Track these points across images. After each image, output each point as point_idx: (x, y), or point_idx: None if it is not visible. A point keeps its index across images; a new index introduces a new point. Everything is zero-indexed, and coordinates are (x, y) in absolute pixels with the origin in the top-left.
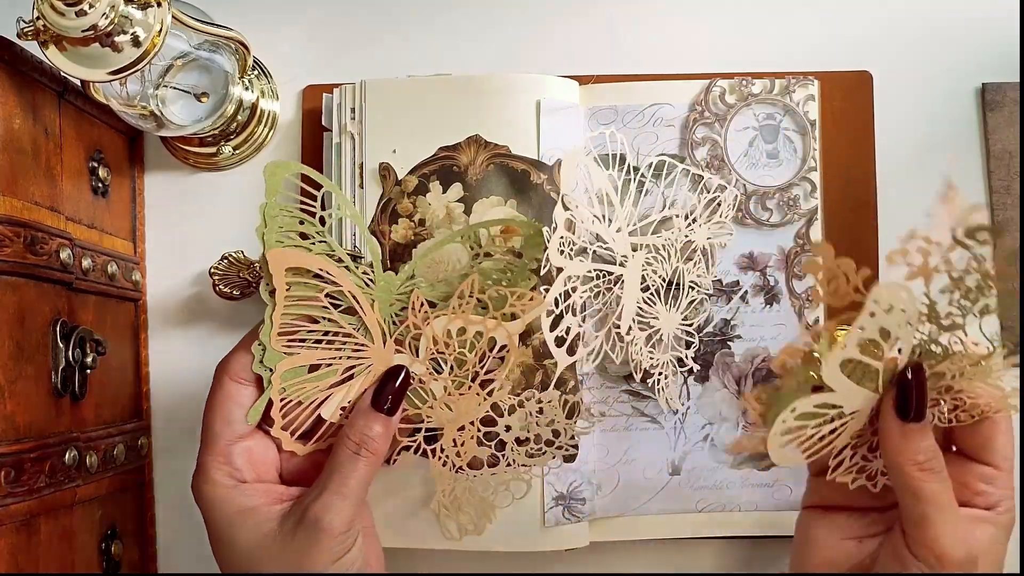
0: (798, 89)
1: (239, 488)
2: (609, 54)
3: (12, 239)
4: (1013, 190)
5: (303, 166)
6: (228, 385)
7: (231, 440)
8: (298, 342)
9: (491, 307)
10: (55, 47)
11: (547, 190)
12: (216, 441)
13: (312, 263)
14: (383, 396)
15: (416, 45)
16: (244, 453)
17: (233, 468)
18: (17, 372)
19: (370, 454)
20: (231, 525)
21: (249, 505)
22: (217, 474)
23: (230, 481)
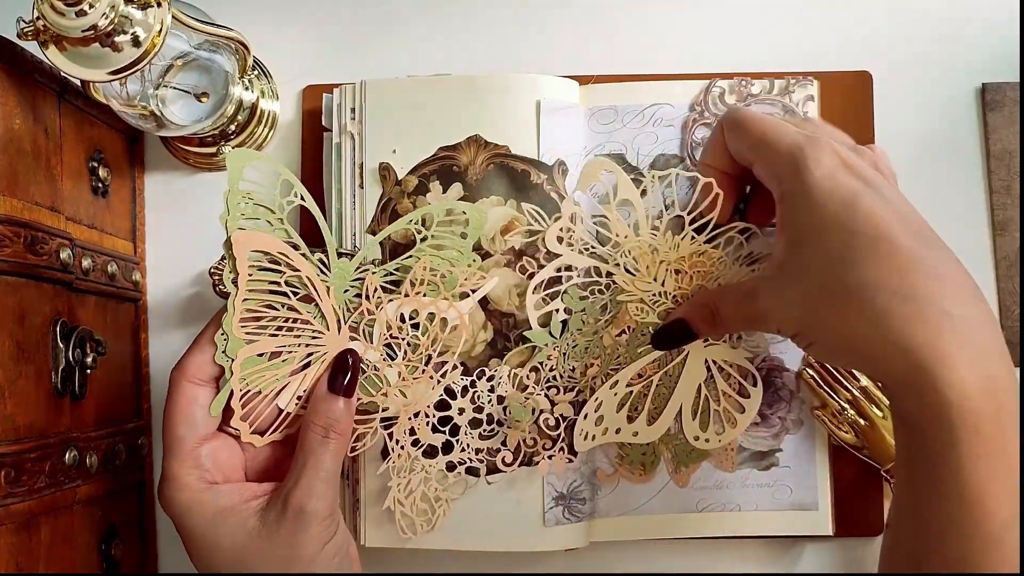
0: (798, 89)
1: (213, 490)
2: (609, 54)
3: (12, 239)
4: (1013, 190)
5: (261, 155)
6: (186, 388)
7: (197, 442)
8: (258, 330)
9: (442, 288)
10: (55, 47)
11: (547, 190)
12: (181, 446)
13: (272, 246)
14: (337, 381)
15: (416, 45)
16: (211, 454)
17: (203, 470)
18: (17, 372)
19: (338, 435)
20: (211, 526)
21: (226, 505)
22: (188, 478)
23: (202, 484)
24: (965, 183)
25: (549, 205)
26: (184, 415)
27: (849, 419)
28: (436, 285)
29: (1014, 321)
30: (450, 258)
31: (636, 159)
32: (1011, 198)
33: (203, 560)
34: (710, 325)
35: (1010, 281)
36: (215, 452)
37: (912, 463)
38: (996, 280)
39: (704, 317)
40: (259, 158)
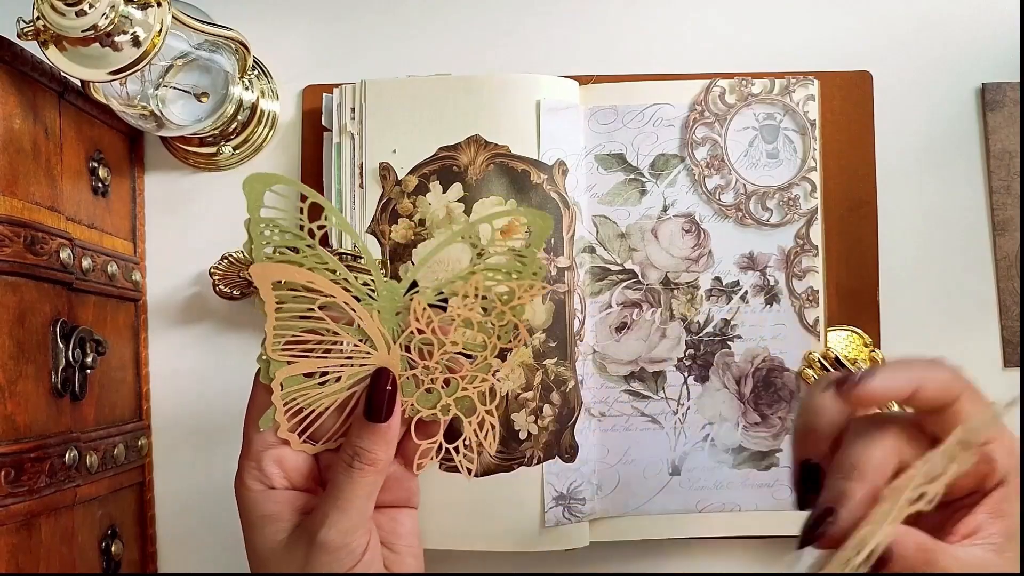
0: (798, 89)
1: (266, 494)
2: (609, 54)
3: (12, 239)
4: (1013, 190)
5: (282, 176)
6: (261, 392)
7: (262, 447)
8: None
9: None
10: (55, 47)
11: (547, 190)
12: (250, 447)
13: (299, 276)
14: (374, 404)
15: (416, 45)
16: (275, 461)
17: (263, 474)
18: (17, 372)
19: (364, 466)
20: (253, 528)
21: (271, 512)
22: (248, 479)
23: (259, 486)
24: (965, 183)
25: (549, 205)
26: (254, 419)
27: None
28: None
29: (1014, 321)
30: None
31: (636, 159)
32: (1011, 198)
33: (247, 551)
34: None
35: (1010, 281)
36: (281, 457)
37: None
38: (996, 280)
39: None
40: (279, 180)
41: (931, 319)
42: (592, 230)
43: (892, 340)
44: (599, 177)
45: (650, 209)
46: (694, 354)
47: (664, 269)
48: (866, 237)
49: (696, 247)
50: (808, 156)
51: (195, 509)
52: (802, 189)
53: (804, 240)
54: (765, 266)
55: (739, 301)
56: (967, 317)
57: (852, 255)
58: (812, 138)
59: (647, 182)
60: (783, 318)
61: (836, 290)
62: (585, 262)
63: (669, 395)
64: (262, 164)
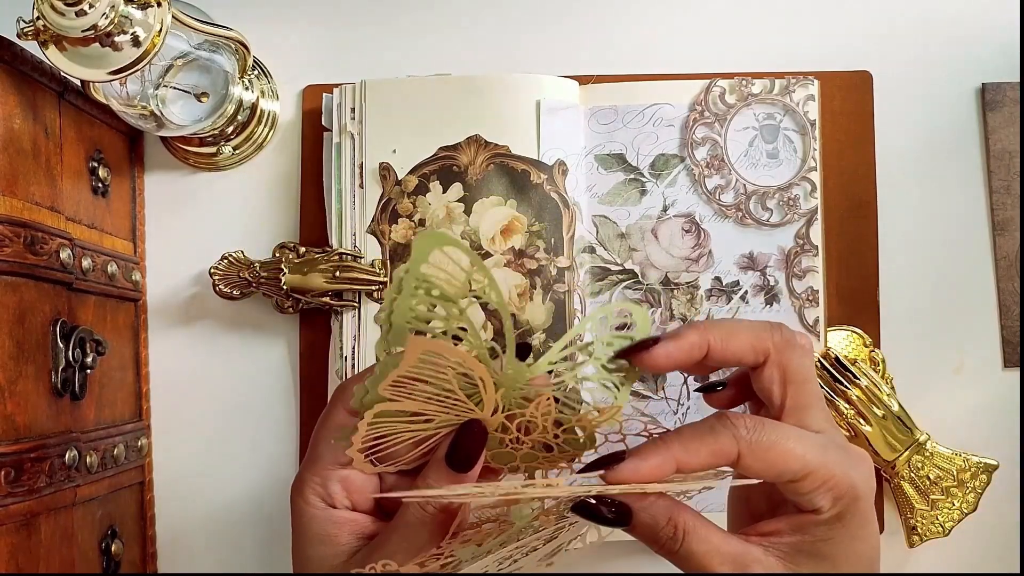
0: (798, 89)
1: (327, 512)
2: (609, 54)
3: (12, 239)
4: (1013, 190)
5: (458, 241)
6: (339, 413)
7: (331, 466)
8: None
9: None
10: (55, 47)
11: (547, 190)
12: (317, 462)
13: (451, 355)
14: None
15: (416, 45)
16: (341, 481)
17: (326, 492)
18: (17, 372)
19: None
20: (310, 545)
21: (330, 532)
22: (310, 494)
23: (320, 504)
24: (965, 183)
25: (549, 205)
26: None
27: (850, 420)
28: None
29: (1014, 321)
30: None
31: (636, 159)
32: (1011, 198)
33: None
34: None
35: (1010, 281)
36: (346, 479)
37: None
38: (996, 280)
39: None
40: (455, 244)
41: (931, 319)
42: (592, 230)
43: (892, 340)
44: (599, 177)
45: (650, 209)
46: None
47: (664, 269)
48: (866, 237)
49: (696, 247)
50: (808, 156)
51: (195, 509)
52: (802, 189)
53: (804, 240)
54: (765, 266)
55: (739, 301)
56: (967, 317)
57: (852, 255)
58: (812, 138)
59: (647, 182)
60: (783, 318)
61: (836, 290)
62: (585, 262)
63: (669, 395)
64: (262, 164)
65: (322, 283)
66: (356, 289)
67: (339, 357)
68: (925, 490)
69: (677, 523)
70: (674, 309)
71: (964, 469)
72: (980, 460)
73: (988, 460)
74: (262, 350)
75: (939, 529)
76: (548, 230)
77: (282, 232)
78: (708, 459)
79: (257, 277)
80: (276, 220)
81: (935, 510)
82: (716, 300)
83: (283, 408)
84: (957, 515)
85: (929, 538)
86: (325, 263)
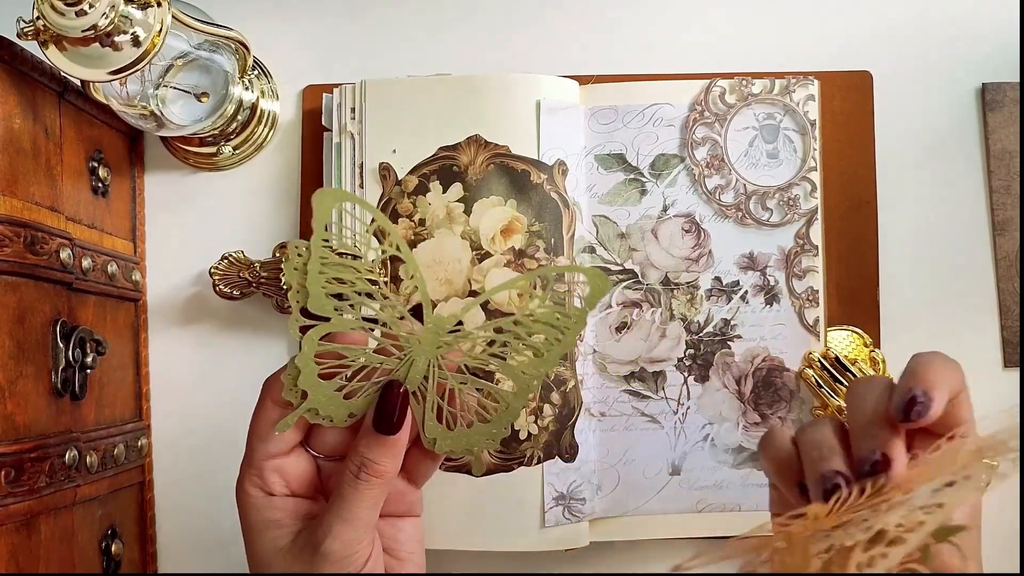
0: (798, 89)
1: (267, 500)
2: (609, 54)
3: (12, 239)
4: (1013, 190)
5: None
6: (267, 406)
7: (264, 457)
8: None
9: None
10: (55, 47)
11: (547, 190)
12: (252, 456)
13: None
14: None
15: (416, 45)
16: (276, 470)
17: (264, 482)
18: (17, 372)
19: (371, 477)
20: (253, 533)
21: (272, 518)
22: (249, 486)
23: (260, 493)
24: (965, 183)
25: (549, 205)
26: (258, 430)
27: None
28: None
29: (1014, 321)
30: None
31: (636, 159)
32: (1011, 198)
33: (248, 558)
34: None
35: (1010, 281)
36: (280, 468)
37: None
38: (996, 280)
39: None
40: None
41: (931, 319)
42: (592, 230)
43: (892, 340)
44: (599, 177)
45: (650, 209)
46: (694, 354)
47: (664, 269)
48: (866, 237)
49: (696, 247)
50: (808, 156)
51: (195, 509)
52: (802, 189)
53: (804, 240)
54: (765, 266)
55: (739, 301)
56: (967, 317)
57: (852, 255)
58: (812, 138)
59: (647, 182)
60: (783, 318)
61: (836, 290)
62: (585, 262)
63: (669, 395)
64: (262, 164)
65: None
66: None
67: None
68: None
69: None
70: (674, 309)
71: None
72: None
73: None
74: (262, 350)
75: None
76: (548, 230)
77: (282, 232)
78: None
79: (257, 277)
80: (276, 220)
81: None
82: (716, 300)
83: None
84: None
85: None
86: None
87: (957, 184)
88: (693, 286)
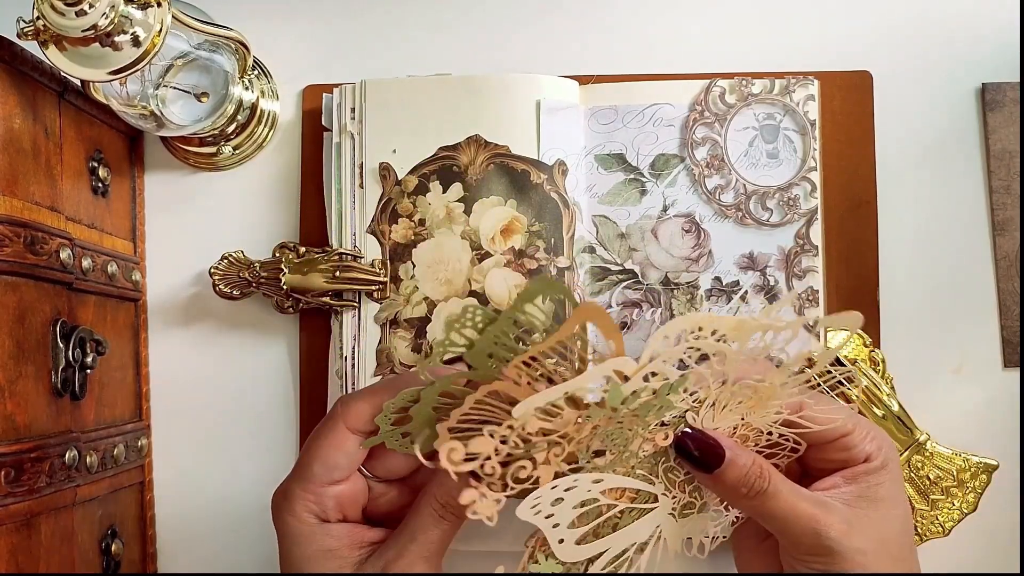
0: (798, 89)
1: (323, 528)
2: (609, 54)
3: (12, 239)
4: (1013, 190)
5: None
6: (339, 431)
7: (326, 483)
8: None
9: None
10: (55, 47)
11: (547, 190)
12: (311, 479)
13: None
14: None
15: (416, 45)
16: (335, 496)
17: (320, 509)
18: (17, 372)
19: (455, 518)
20: (312, 562)
21: (331, 547)
22: (302, 511)
23: (314, 520)
24: (965, 183)
25: (549, 205)
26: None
27: None
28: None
29: (1014, 321)
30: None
31: (636, 159)
32: (1011, 198)
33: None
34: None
35: (1010, 281)
36: (340, 495)
37: None
38: (996, 280)
39: (750, 470)
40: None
41: (931, 319)
42: (592, 230)
43: (892, 340)
44: (599, 177)
45: (650, 209)
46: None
47: (664, 269)
48: (866, 237)
49: (696, 247)
50: (808, 156)
51: (195, 509)
52: (802, 189)
53: (804, 240)
54: (765, 266)
55: (739, 301)
56: (967, 317)
57: (852, 255)
58: (812, 138)
59: (647, 182)
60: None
61: (836, 290)
62: (585, 262)
63: None
64: (262, 164)
65: (322, 283)
66: (356, 289)
67: (339, 357)
68: (925, 490)
69: (763, 465)
70: (674, 309)
71: (964, 469)
72: (980, 460)
73: (988, 460)
74: (262, 350)
75: (939, 529)
76: (548, 230)
77: (282, 232)
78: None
79: (257, 277)
80: (276, 220)
81: (935, 510)
82: (716, 300)
83: (283, 408)
84: (957, 515)
85: (929, 538)
86: (325, 263)
87: (957, 184)
88: (693, 286)
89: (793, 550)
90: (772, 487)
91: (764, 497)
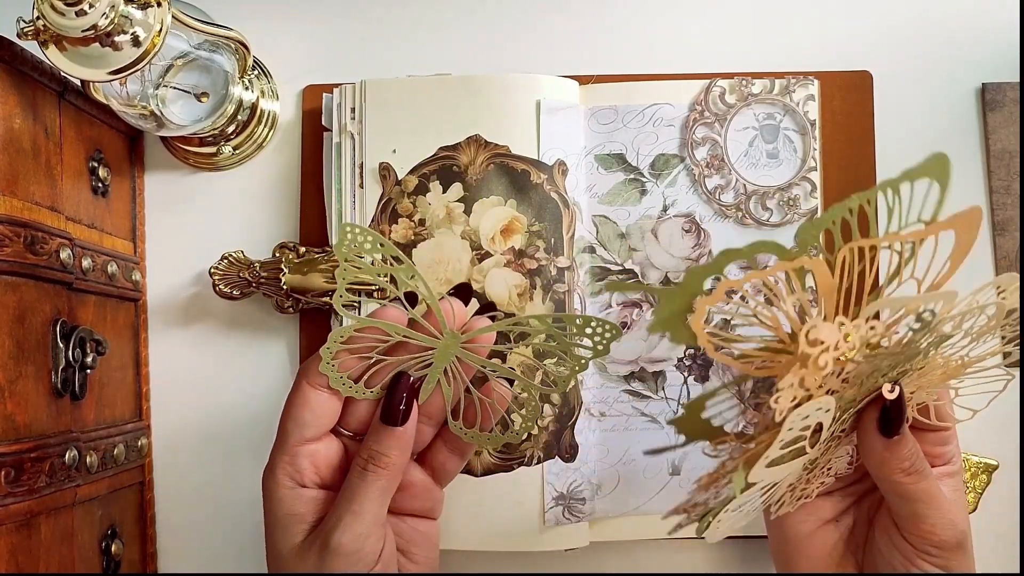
0: (798, 89)
1: (295, 492)
2: (609, 54)
3: (12, 239)
4: (1013, 190)
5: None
6: (304, 389)
7: (298, 442)
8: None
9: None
10: (55, 47)
11: (547, 190)
12: (285, 441)
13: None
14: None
15: (416, 45)
16: (309, 456)
17: (295, 470)
18: (17, 372)
19: (379, 469)
20: (277, 526)
21: (296, 511)
22: (280, 474)
23: (289, 483)
24: (965, 183)
25: (549, 205)
26: (295, 415)
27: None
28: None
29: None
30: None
31: (636, 159)
32: (1011, 198)
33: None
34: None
35: None
36: (314, 454)
37: None
38: None
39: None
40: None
41: None
42: (592, 230)
43: None
44: (599, 177)
45: (650, 209)
46: (694, 354)
47: (664, 269)
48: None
49: (696, 247)
50: (808, 156)
51: (195, 509)
52: (802, 189)
53: None
54: (765, 266)
55: (739, 301)
56: None
57: None
58: (812, 138)
59: (647, 182)
60: None
61: None
62: (585, 262)
63: (669, 395)
64: (262, 164)
65: (322, 283)
66: (356, 289)
67: None
68: None
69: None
70: None
71: (964, 469)
72: (980, 460)
73: (988, 460)
74: (262, 350)
75: None
76: (548, 230)
77: (282, 232)
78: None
79: (257, 277)
80: (276, 220)
81: None
82: None
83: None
84: None
85: None
86: (325, 263)
87: (957, 184)
88: None
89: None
90: (928, 468)
91: (920, 476)
